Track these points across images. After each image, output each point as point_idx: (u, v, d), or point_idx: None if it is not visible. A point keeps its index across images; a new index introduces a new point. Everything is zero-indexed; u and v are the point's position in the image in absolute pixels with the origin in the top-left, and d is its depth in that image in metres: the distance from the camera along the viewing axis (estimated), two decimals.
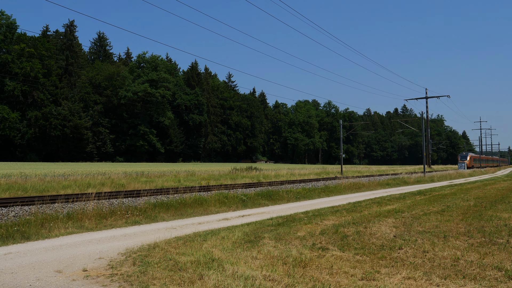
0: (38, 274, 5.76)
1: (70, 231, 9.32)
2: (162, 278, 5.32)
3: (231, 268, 5.63)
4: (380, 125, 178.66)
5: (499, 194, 18.10)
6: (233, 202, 14.49)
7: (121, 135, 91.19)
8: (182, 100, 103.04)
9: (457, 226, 9.20)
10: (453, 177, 39.87)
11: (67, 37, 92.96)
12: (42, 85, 76.90)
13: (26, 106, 76.97)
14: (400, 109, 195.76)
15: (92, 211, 10.81)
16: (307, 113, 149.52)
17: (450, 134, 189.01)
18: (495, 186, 24.88)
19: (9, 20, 78.13)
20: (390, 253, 6.67)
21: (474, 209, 12.52)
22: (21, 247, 7.62)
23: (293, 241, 7.58)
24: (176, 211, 12.42)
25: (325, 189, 20.68)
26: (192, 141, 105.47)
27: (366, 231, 8.60)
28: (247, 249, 6.89)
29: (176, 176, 32.81)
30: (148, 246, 7.28)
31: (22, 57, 75.43)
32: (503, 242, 7.51)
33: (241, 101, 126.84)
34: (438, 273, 5.53)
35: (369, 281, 5.23)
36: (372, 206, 13.45)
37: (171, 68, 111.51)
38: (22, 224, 9.13)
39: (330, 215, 11.16)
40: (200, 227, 9.82)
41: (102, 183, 23.47)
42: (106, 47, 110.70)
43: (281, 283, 5.07)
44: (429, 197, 17.21)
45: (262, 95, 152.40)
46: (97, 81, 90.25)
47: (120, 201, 12.91)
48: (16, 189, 18.93)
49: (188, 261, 6.08)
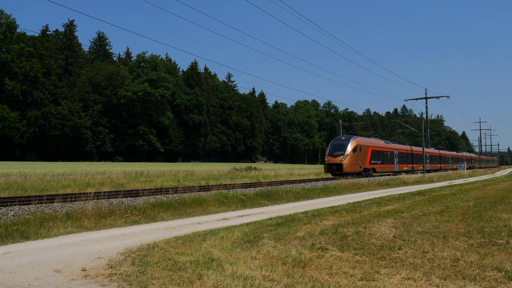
0: (37, 273, 5.75)
1: (69, 230, 9.31)
2: (161, 278, 5.31)
3: (230, 268, 5.62)
4: (380, 126, 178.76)
5: (499, 195, 18.09)
6: (233, 202, 14.48)
7: (121, 135, 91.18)
8: (181, 100, 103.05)
9: (457, 227, 9.19)
10: (452, 178, 39.86)
11: (66, 37, 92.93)
12: (42, 84, 76.87)
13: (26, 105, 76.94)
14: (400, 110, 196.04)
15: (91, 210, 10.79)
16: (307, 113, 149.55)
17: (449, 134, 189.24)
18: (494, 186, 24.88)
19: (8, 19, 78.11)
20: (389, 253, 6.66)
21: (474, 209, 12.51)
22: (20, 247, 7.60)
23: (293, 241, 7.57)
24: (176, 211, 12.40)
25: (325, 189, 20.67)
26: (191, 141, 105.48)
27: (366, 231, 8.59)
28: (246, 249, 6.88)
29: (175, 175, 32.82)
30: (147, 246, 7.26)
31: (21, 57, 75.38)
32: (502, 242, 7.50)
33: (241, 101, 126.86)
34: (438, 274, 5.52)
35: (368, 281, 5.22)
36: (372, 207, 13.44)
37: (170, 68, 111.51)
38: (21, 223, 9.11)
39: (329, 215, 11.15)
40: (199, 227, 9.80)
41: (102, 182, 23.47)
42: (106, 47, 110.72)
43: (280, 283, 5.06)
44: (429, 197, 17.20)
45: (262, 95, 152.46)
46: (97, 81, 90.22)
47: (119, 200, 12.89)
48: (15, 189, 18.92)
49: (187, 261, 6.06)
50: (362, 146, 32.69)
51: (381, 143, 38.66)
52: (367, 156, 33.54)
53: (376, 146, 36.48)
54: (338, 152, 30.88)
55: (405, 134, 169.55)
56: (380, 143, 38.09)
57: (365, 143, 33.58)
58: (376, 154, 36.09)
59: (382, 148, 38.10)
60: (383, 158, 38.02)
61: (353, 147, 31.08)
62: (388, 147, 40.01)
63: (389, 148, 40.17)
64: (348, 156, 30.54)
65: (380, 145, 37.54)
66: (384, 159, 38.28)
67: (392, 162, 40.46)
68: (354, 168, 31.04)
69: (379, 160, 36.62)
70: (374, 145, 36.08)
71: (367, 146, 33.87)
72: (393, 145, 42.19)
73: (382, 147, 38.14)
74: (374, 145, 35.94)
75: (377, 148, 36.42)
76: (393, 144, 42.48)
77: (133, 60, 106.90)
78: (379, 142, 38.45)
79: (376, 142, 37.32)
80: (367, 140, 34.81)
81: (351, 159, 30.77)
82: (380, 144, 38.11)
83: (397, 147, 43.19)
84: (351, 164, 30.72)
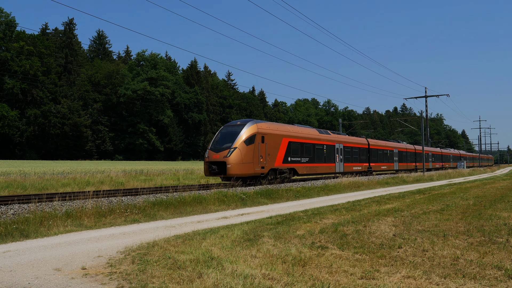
0: (37, 272, 5.74)
1: (69, 229, 9.31)
2: (161, 277, 5.30)
3: (230, 267, 5.62)
4: (380, 124, 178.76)
5: (499, 193, 18.11)
6: (233, 201, 14.49)
7: (120, 133, 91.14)
8: (181, 99, 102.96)
9: (457, 225, 9.20)
10: (452, 176, 39.89)
11: (66, 35, 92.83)
12: (42, 83, 76.81)
13: (25, 104, 76.89)
14: (400, 108, 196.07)
15: (91, 209, 10.79)
16: (307, 111, 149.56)
17: (449, 133, 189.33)
18: (494, 185, 24.90)
19: (8, 17, 78.02)
20: (389, 252, 6.66)
21: (474, 208, 12.52)
22: (20, 245, 7.60)
23: (293, 240, 7.57)
24: (175, 210, 12.41)
25: (325, 187, 20.68)
26: (191, 140, 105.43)
27: (366, 230, 8.59)
28: (246, 248, 6.88)
29: (175, 174, 32.83)
30: (147, 245, 7.26)
31: (21, 55, 75.30)
32: (502, 241, 7.50)
33: (241, 99, 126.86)
34: (438, 272, 5.52)
35: (368, 280, 5.22)
36: (372, 205, 13.45)
37: (170, 67, 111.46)
38: (21, 222, 9.11)
39: (329, 214, 11.15)
40: (199, 225, 9.80)
41: (101, 181, 23.50)
42: (106, 45, 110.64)
43: (280, 282, 5.06)
44: (429, 196, 17.22)
45: (262, 94, 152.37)
46: (97, 79, 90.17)
47: (119, 199, 12.89)
48: (15, 187, 18.94)
49: (187, 259, 6.06)
50: (268, 135, 22.07)
51: (312, 132, 27.56)
52: (277, 150, 22.86)
53: (298, 136, 25.11)
54: (225, 144, 20.66)
55: (405, 133, 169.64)
56: (308, 132, 27.04)
57: (273, 130, 22.81)
58: (299, 148, 24.96)
59: (310, 139, 26.48)
60: (314, 154, 26.66)
61: (248, 137, 20.67)
62: (324, 139, 28.54)
63: (326, 141, 28.63)
64: (236, 150, 20.07)
65: (306, 135, 26.13)
66: (316, 155, 26.98)
67: (329, 160, 28.97)
68: (247, 168, 20.56)
69: (304, 157, 25.45)
70: (295, 134, 24.80)
71: (278, 136, 22.99)
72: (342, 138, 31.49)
73: (312, 138, 26.75)
74: (294, 134, 24.67)
75: (300, 139, 25.12)
76: (342, 137, 31.90)
77: (133, 59, 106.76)
78: (307, 130, 27.17)
79: (300, 131, 25.84)
80: (279, 127, 23.73)
81: (243, 154, 20.21)
82: (310, 134, 26.83)
83: (344, 139, 31.65)
84: (242, 163, 20.18)
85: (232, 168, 19.90)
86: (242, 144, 20.39)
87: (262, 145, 21.63)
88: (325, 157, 28.34)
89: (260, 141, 21.45)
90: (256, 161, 21.13)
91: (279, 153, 23.10)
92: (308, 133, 26.80)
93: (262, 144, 21.58)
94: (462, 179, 35.88)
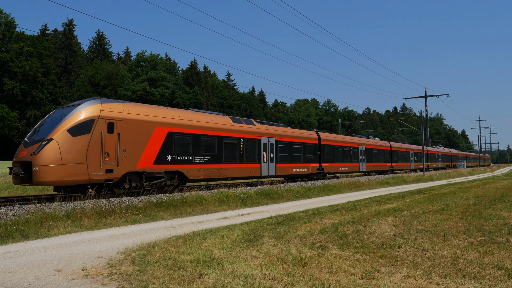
0: (37, 273, 5.75)
1: (69, 230, 9.31)
2: (161, 277, 5.31)
3: (231, 267, 5.62)
4: (380, 124, 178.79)
5: (499, 193, 18.11)
6: (233, 201, 14.49)
7: None
8: (181, 99, 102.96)
9: (457, 225, 9.20)
10: (452, 176, 39.88)
11: (66, 36, 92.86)
12: (41, 84, 76.84)
13: (25, 105, 76.90)
14: (400, 108, 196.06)
15: (91, 210, 10.79)
16: (306, 112, 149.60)
17: (449, 133, 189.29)
18: (494, 185, 24.90)
19: (7, 18, 78.05)
20: (389, 252, 6.67)
21: (474, 208, 12.52)
22: (20, 246, 7.60)
23: (293, 240, 7.57)
24: (176, 210, 12.41)
25: (325, 187, 20.68)
26: None
27: (366, 230, 8.60)
28: (246, 248, 6.88)
29: None
30: (147, 245, 7.26)
31: (21, 56, 75.33)
32: (502, 240, 7.51)
33: (240, 100, 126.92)
34: (438, 272, 5.52)
35: (369, 280, 5.22)
36: (372, 205, 13.45)
37: (170, 67, 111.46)
38: (21, 223, 9.11)
39: (329, 214, 11.15)
40: (199, 226, 9.80)
41: None
42: (105, 46, 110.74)
43: (280, 282, 5.06)
44: (429, 196, 17.22)
45: (262, 94, 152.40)
46: (96, 80, 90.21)
47: (119, 200, 12.89)
48: (15, 188, 18.95)
49: (188, 260, 6.06)
50: (124, 121, 14.93)
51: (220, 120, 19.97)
52: (144, 144, 15.64)
53: (189, 125, 17.75)
54: (41, 136, 13.56)
55: (405, 133, 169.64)
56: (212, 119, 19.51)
57: (136, 115, 15.47)
58: (190, 142, 17.71)
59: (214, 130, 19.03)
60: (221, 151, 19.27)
61: (79, 123, 13.64)
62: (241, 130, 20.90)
63: (245, 134, 21.08)
64: (52, 143, 13.02)
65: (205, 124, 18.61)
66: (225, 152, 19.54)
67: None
68: (75, 172, 13.25)
69: (202, 155, 18.16)
70: (183, 122, 17.54)
71: (146, 123, 15.78)
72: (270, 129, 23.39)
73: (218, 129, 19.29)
74: (180, 122, 17.41)
75: (192, 130, 17.82)
76: (276, 129, 24.29)
77: (133, 59, 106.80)
78: (210, 117, 19.71)
79: (194, 117, 18.50)
80: (149, 111, 16.32)
81: (64, 150, 13.10)
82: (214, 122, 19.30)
83: (278, 132, 23.98)
84: (63, 164, 12.98)
85: (43, 172, 12.65)
86: (64, 134, 13.19)
87: (110, 136, 14.37)
88: (241, 155, 20.65)
89: (104, 129, 14.19)
90: (95, 161, 13.82)
91: (147, 149, 15.68)
92: (211, 120, 19.11)
93: (108, 135, 14.33)
94: (462, 178, 35.88)
